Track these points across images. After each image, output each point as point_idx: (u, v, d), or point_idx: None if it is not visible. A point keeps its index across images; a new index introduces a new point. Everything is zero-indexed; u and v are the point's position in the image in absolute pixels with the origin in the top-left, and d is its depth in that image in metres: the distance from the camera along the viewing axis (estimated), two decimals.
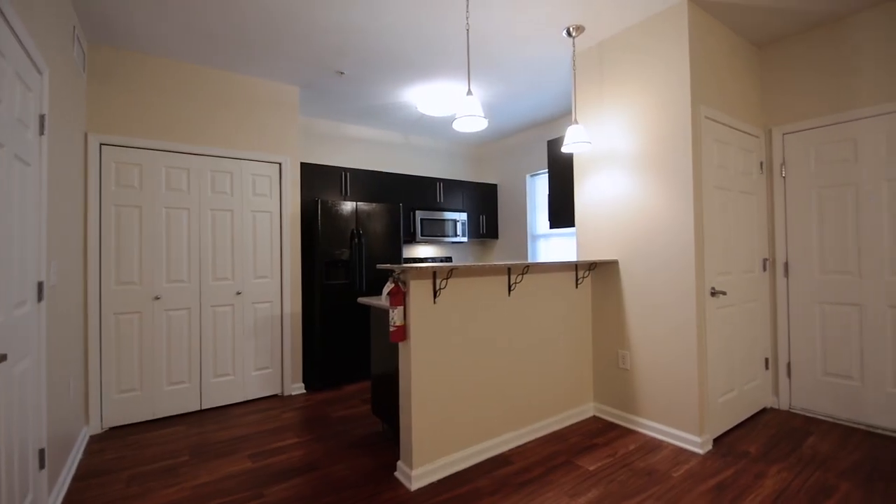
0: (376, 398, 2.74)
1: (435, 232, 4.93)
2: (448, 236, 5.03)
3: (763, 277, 3.05)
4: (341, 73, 3.43)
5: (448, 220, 5.04)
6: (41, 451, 1.83)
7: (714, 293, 2.58)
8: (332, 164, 4.69)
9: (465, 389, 2.34)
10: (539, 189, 5.16)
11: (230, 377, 3.36)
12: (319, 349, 3.75)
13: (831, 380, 2.81)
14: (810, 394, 2.90)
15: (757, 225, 3.01)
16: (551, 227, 3.66)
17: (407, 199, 4.82)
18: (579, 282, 2.97)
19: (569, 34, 2.85)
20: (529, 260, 5.07)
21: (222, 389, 3.33)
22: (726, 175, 2.76)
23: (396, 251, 4.21)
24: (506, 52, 3.13)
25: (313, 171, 4.16)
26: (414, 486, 2.10)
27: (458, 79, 3.59)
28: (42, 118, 1.86)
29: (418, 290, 2.16)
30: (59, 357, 2.16)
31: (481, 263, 2.34)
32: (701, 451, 2.41)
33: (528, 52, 3.14)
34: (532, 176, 5.23)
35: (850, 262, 2.73)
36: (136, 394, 3.01)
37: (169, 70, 3.16)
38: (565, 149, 2.75)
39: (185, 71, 3.22)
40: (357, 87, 3.73)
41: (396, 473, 2.23)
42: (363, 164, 4.95)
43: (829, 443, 2.49)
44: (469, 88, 2.24)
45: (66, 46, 2.29)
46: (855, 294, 2.71)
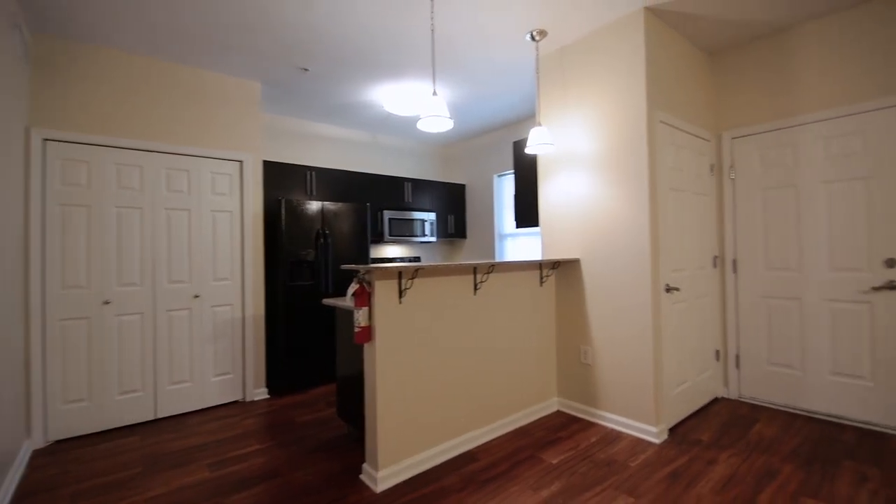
0: (342, 400, 2.70)
1: (403, 232, 4.91)
2: (416, 236, 5.02)
3: (714, 274, 3.22)
4: (305, 69, 3.36)
5: (416, 219, 5.03)
6: None
7: (669, 289, 2.70)
8: (299, 162, 4.59)
9: (432, 389, 2.35)
10: (506, 189, 5.24)
11: (187, 384, 3.22)
12: (283, 353, 3.65)
13: (776, 369, 3.00)
14: (757, 383, 3.09)
15: (708, 224, 3.17)
16: (517, 226, 3.72)
17: (375, 198, 4.78)
18: (543, 280, 3.04)
19: (532, 38, 2.90)
20: (497, 259, 5.14)
21: (179, 397, 3.19)
22: (680, 177, 2.89)
23: (364, 251, 4.17)
24: (472, 54, 3.15)
25: (278, 169, 4.05)
26: (380, 488, 2.09)
27: (426, 79, 3.59)
28: None
29: (383, 291, 2.15)
30: None
31: (447, 263, 2.35)
32: (657, 441, 2.52)
33: (493, 55, 3.18)
34: (499, 176, 5.30)
35: (791, 259, 2.92)
36: (84, 404, 2.83)
37: (121, 63, 3.00)
38: (529, 150, 2.80)
39: (137, 64, 3.06)
40: (323, 84, 3.67)
41: (362, 476, 2.21)
42: (331, 164, 4.87)
43: (773, 429, 2.66)
44: (434, 89, 2.25)
45: (1, 33, 2.13)
46: (796, 289, 2.90)
